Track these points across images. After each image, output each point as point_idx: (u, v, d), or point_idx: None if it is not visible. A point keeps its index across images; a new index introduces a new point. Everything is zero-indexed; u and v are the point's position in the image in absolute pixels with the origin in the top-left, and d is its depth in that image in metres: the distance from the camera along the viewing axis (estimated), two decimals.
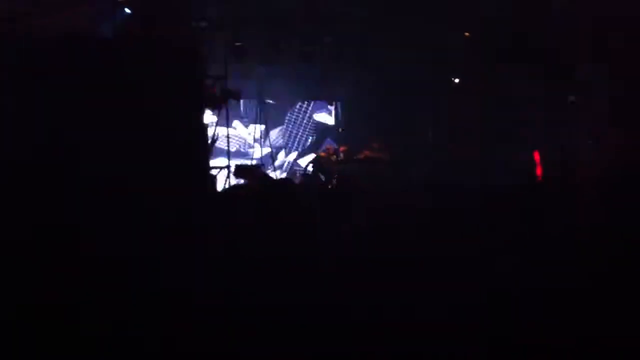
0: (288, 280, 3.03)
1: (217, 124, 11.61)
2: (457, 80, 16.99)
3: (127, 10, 10.71)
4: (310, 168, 15.39)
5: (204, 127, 10.37)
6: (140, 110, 8.08)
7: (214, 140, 11.58)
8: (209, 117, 11.33)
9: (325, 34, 13.49)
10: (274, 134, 17.12)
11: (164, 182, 7.36)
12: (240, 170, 12.40)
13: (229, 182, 11.74)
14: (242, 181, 12.23)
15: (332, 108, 18.16)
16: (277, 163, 16.49)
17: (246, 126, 16.78)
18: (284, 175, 16.77)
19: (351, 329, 2.51)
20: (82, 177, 6.12)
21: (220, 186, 11.52)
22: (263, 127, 16.24)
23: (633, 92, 11.95)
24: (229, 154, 12.03)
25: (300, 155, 17.67)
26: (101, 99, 7.52)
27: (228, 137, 11.56)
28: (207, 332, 2.39)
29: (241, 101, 15.36)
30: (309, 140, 17.91)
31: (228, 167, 11.79)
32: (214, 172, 11.38)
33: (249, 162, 15.76)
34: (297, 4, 12.54)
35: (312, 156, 16.38)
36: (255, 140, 16.70)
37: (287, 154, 17.61)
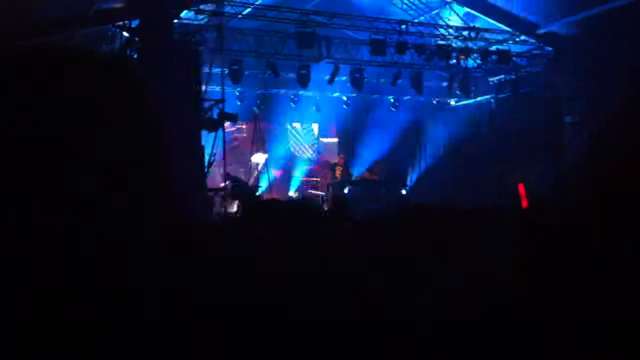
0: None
1: (214, 146, 11.69)
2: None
3: (125, 34, 10.88)
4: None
5: (201, 149, 10.49)
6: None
7: (211, 163, 11.65)
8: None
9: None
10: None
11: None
12: (235, 192, 12.47)
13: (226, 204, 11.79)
14: (237, 202, 12.28)
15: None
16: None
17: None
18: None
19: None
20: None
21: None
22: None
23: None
24: (225, 176, 12.09)
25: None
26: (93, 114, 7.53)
27: (225, 159, 11.62)
28: None
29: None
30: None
31: (225, 188, 11.84)
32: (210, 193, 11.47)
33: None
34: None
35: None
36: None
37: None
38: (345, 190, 14.83)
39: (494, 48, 14.43)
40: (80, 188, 0.91)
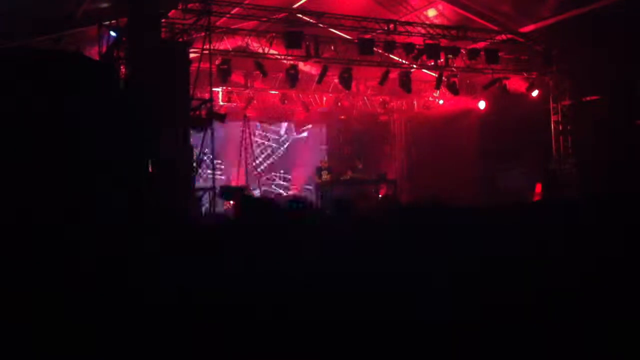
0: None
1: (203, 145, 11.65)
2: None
3: (113, 34, 10.82)
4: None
5: (190, 148, 10.47)
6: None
7: (200, 162, 11.61)
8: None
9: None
10: None
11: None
12: (225, 192, 12.45)
13: (214, 204, 11.77)
14: (231, 202, 12.29)
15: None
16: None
17: None
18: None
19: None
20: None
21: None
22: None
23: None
24: (213, 175, 12.04)
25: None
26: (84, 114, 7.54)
27: (213, 159, 11.59)
28: None
29: None
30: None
31: (213, 188, 11.80)
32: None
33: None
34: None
35: None
36: None
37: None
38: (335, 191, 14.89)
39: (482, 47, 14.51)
40: (79, 188, 0.93)
